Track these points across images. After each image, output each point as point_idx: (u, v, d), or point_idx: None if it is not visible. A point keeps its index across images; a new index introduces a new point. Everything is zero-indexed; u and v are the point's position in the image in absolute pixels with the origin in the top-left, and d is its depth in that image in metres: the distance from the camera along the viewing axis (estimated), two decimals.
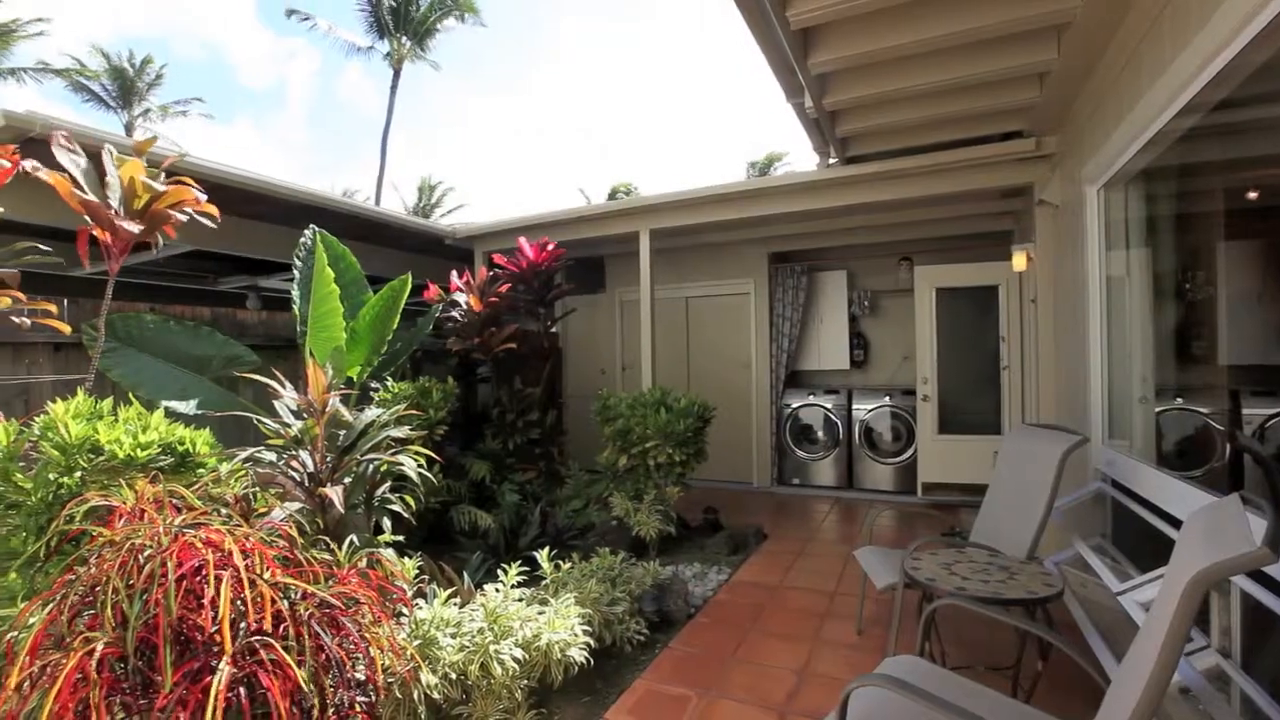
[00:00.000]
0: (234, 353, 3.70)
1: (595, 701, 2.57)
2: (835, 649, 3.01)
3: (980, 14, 2.86)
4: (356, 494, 2.73)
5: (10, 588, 2.17)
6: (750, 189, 5.23)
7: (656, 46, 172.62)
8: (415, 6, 22.67)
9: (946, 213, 5.61)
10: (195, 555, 1.57)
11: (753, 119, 75.13)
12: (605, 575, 3.26)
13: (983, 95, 3.66)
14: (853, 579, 3.85)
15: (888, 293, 6.96)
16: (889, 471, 6.33)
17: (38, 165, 2.50)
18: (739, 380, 6.99)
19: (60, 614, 1.53)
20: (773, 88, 4.05)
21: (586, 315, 7.76)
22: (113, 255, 2.72)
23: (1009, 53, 3.20)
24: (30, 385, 3.26)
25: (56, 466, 2.24)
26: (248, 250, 5.57)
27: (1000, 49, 3.19)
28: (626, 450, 4.44)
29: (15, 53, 20.60)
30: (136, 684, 1.53)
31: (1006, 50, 3.19)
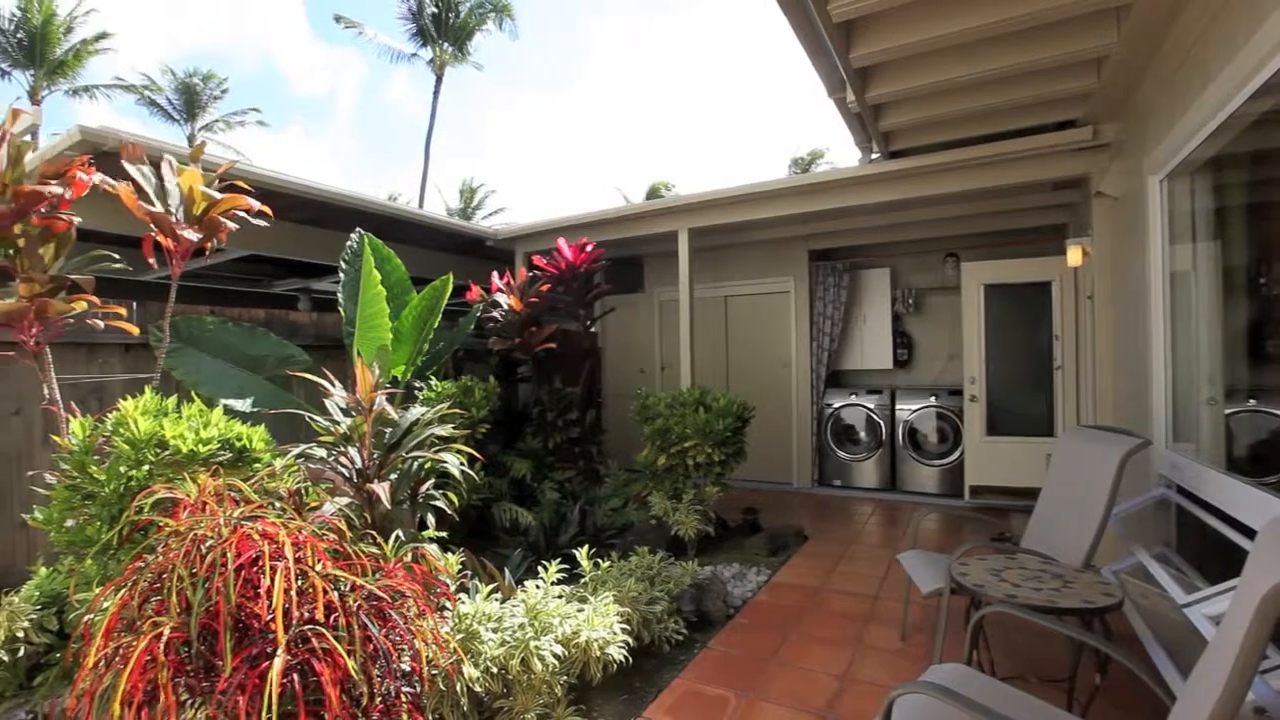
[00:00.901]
0: (287, 353, 3.85)
1: (634, 700, 2.58)
2: (878, 654, 2.95)
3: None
4: (402, 490, 2.80)
5: (86, 573, 2.32)
6: (791, 186, 5.16)
7: (694, 44, 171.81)
8: (455, 14, 23.15)
9: (995, 207, 5.42)
10: (253, 546, 1.64)
11: (793, 115, 74.04)
12: (644, 574, 3.26)
13: (1035, 84, 3.52)
14: (896, 583, 3.77)
15: (933, 290, 6.77)
16: (934, 473, 6.16)
17: (105, 178, 2.65)
18: (779, 380, 6.90)
19: (131, 599, 1.62)
20: (813, 83, 3.98)
21: (625, 315, 7.78)
22: (174, 260, 2.86)
23: (1064, 38, 3.06)
24: (103, 383, 3.46)
25: (127, 460, 2.37)
26: (299, 254, 5.78)
27: (1054, 34, 3.07)
28: (665, 450, 4.44)
29: (87, 70, 21.86)
30: (199, 667, 1.60)
31: (1061, 35, 3.06)
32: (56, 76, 21.30)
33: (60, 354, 3.09)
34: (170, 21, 62.65)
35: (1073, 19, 2.93)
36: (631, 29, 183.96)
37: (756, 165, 54.83)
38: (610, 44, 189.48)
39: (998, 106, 3.77)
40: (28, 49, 20.42)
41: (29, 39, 20.31)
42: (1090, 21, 2.96)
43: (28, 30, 20.21)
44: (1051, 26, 2.99)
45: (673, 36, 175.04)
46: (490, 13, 23.34)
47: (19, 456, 3.23)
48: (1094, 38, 3.00)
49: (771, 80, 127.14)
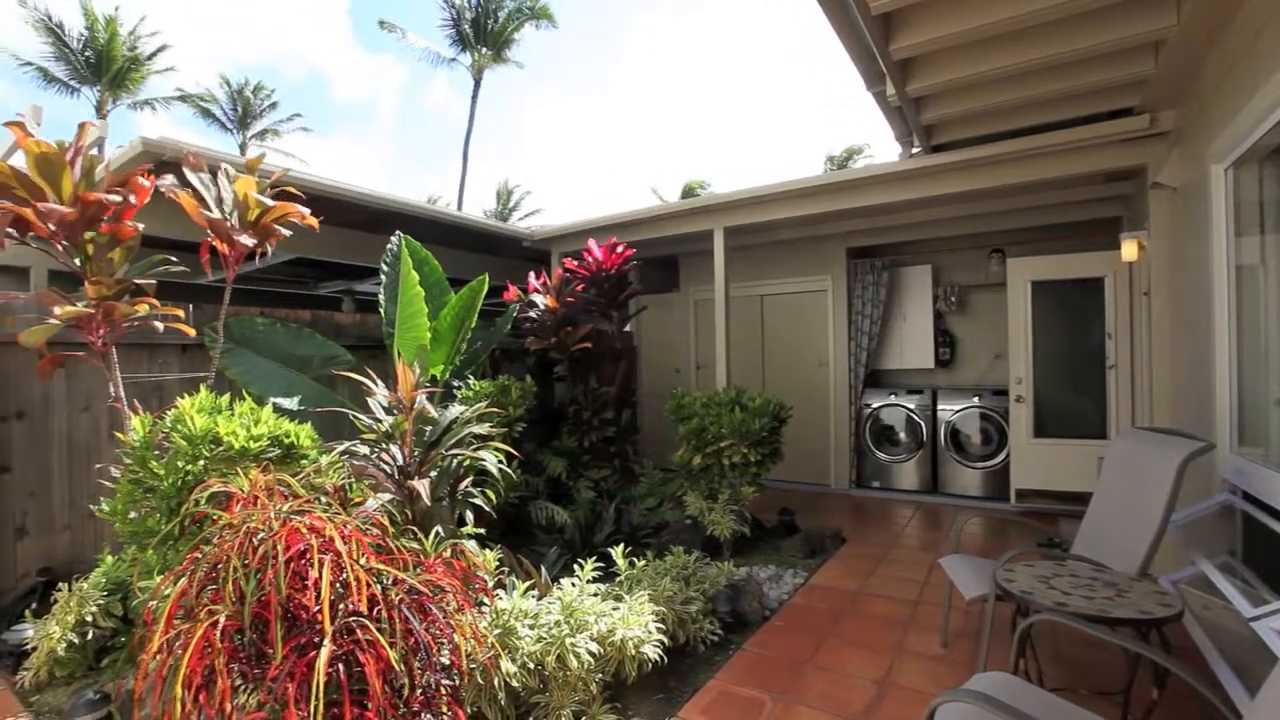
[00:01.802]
0: (331, 353, 3.97)
1: (669, 699, 2.58)
2: (918, 660, 2.88)
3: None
4: (441, 487, 2.86)
5: (148, 562, 2.44)
6: (829, 183, 5.07)
7: (729, 41, 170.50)
8: (494, 19, 23.53)
9: (1043, 200, 5.23)
10: (301, 540, 1.70)
11: (830, 112, 72.86)
12: (679, 574, 3.26)
13: (1087, 71, 3.38)
14: (937, 588, 3.67)
15: (977, 287, 6.57)
16: (977, 476, 5.98)
17: (172, 181, 2.78)
18: (816, 379, 6.80)
19: (190, 588, 1.69)
20: (851, 77, 3.91)
21: (661, 314, 7.78)
22: (229, 264, 2.99)
23: (1118, 22, 2.94)
24: (162, 382, 3.64)
25: (184, 455, 2.48)
26: (343, 256, 5.96)
27: (1108, 19, 2.94)
28: (701, 449, 4.42)
29: (147, 84, 23.01)
30: (251, 654, 1.67)
31: (1115, 19, 2.93)
32: (120, 91, 22.48)
33: (124, 354, 3.26)
34: (222, 34, 65.51)
35: (1128, 1, 2.80)
36: (666, 27, 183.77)
37: (792, 163, 54.14)
38: (646, 43, 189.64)
39: (1047, 96, 3.63)
40: (94, 66, 21.62)
41: (95, 57, 21.49)
42: (1147, 3, 2.83)
43: (94, 49, 21.39)
44: (1105, 10, 2.87)
45: (708, 34, 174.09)
46: (529, 18, 23.66)
47: (87, 451, 3.42)
48: (1151, 20, 2.87)
49: (808, 76, 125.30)
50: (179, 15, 55.40)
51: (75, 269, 2.64)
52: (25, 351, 2.85)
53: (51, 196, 2.46)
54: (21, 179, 2.40)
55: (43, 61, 21.23)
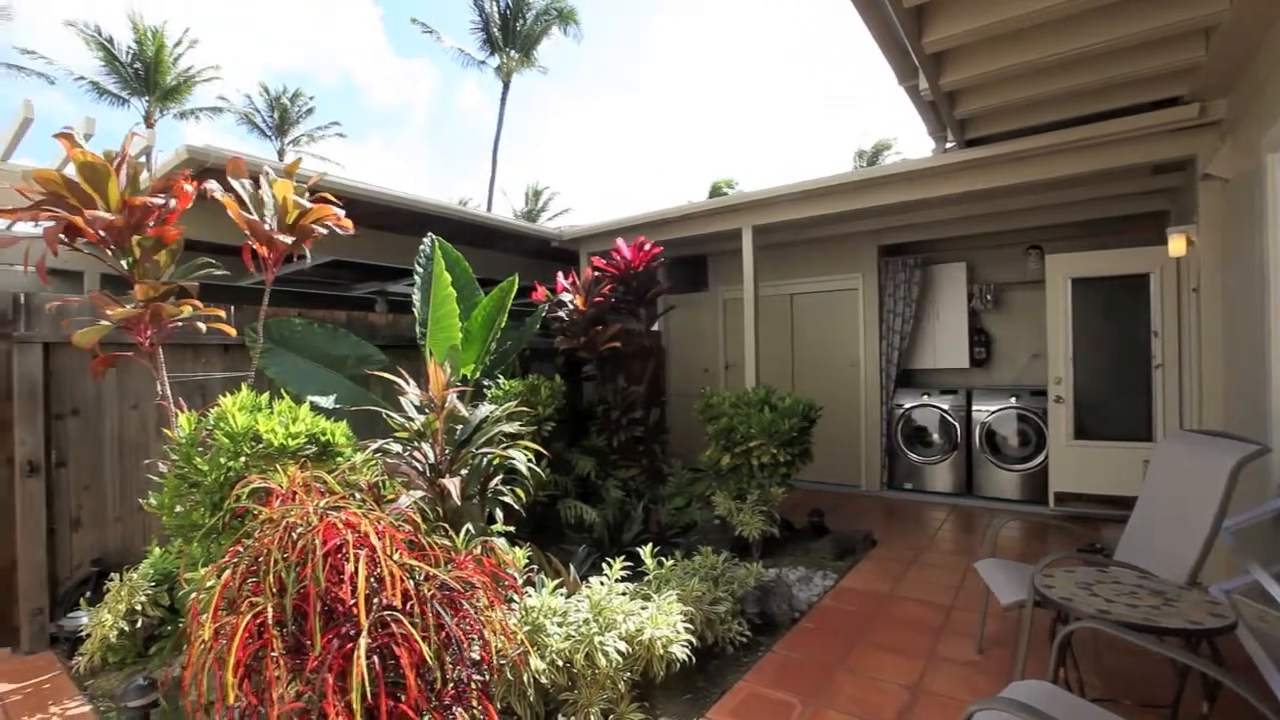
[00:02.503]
0: (366, 352, 4.05)
1: (697, 700, 2.57)
2: (952, 667, 2.82)
3: None
4: (472, 485, 2.90)
5: (193, 554, 2.52)
6: (860, 180, 4.99)
7: (756, 38, 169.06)
8: (522, 21, 23.77)
9: (1083, 195, 5.07)
10: (337, 535, 1.74)
11: (831, 112, 71.62)
12: (707, 574, 3.25)
13: (1131, 60, 3.27)
14: (972, 593, 3.59)
15: (1014, 285, 6.39)
16: (1014, 479, 5.82)
17: (216, 185, 2.88)
18: (847, 379, 6.71)
19: (232, 580, 1.75)
20: (883, 71, 3.84)
21: (690, 314, 7.76)
22: (268, 266, 3.08)
23: (1166, 7, 2.83)
24: (205, 381, 3.76)
25: (226, 452, 2.56)
26: (377, 258, 6.09)
27: (1154, 4, 2.84)
28: (729, 449, 4.40)
29: (193, 94, 23.88)
30: (292, 646, 1.72)
31: (1162, 4, 2.83)
32: (167, 102, 23.37)
33: (170, 354, 3.38)
34: (260, 42, 67.57)
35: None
36: (692, 26, 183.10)
37: (820, 161, 53.45)
38: (672, 42, 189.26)
39: (1089, 86, 3.52)
40: (143, 78, 22.51)
41: (144, 69, 22.38)
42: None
43: (143, 61, 22.27)
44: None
45: (733, 32, 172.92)
46: (555, 20, 23.86)
47: (136, 447, 3.55)
48: (1201, 4, 2.76)
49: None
50: (219, 24, 57.32)
51: (124, 272, 2.75)
52: (80, 351, 2.98)
53: (99, 203, 2.56)
54: (72, 187, 2.51)
55: (95, 75, 22.20)
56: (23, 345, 3.17)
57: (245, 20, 64.88)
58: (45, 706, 2.65)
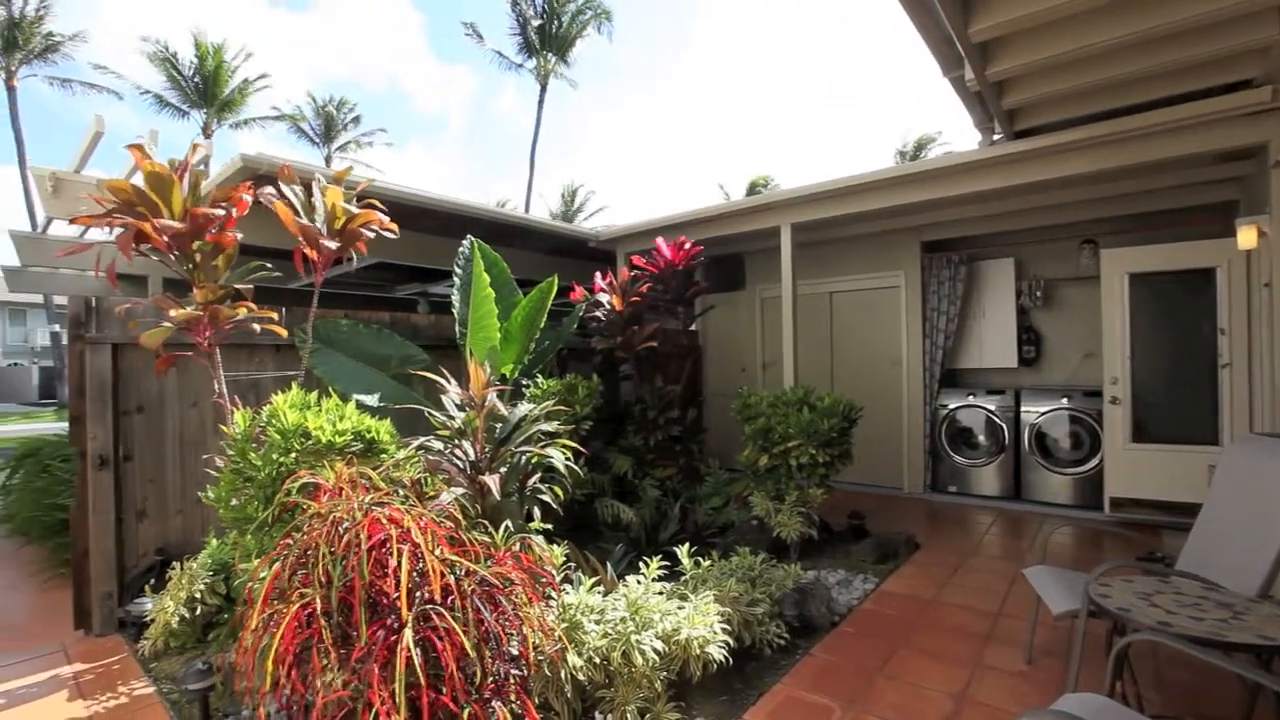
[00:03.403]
0: (409, 352, 4.16)
1: (734, 702, 2.55)
2: (999, 676, 2.72)
3: None
4: (511, 483, 2.95)
5: (247, 546, 2.64)
6: (903, 175, 4.87)
7: (794, 33, 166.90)
8: (558, 23, 24.02)
9: (1142, 185, 4.83)
10: (381, 530, 1.80)
11: (901, 102, 70.05)
12: (745, 575, 3.23)
13: (1197, 41, 3.10)
14: (1021, 601, 3.47)
15: (1065, 281, 6.14)
16: (1066, 483, 5.59)
17: (271, 192, 3.00)
18: (888, 379, 6.56)
19: (283, 571, 1.82)
20: (926, 63, 3.74)
21: (727, 313, 7.71)
22: (318, 269, 3.19)
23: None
24: (258, 380, 3.92)
25: (278, 448, 2.67)
26: (418, 260, 6.24)
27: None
28: (767, 449, 4.35)
29: (247, 105, 24.95)
30: (338, 636, 1.78)
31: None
32: (224, 113, 24.48)
33: (226, 354, 3.54)
34: (310, 52, 70.08)
35: None
36: (729, 24, 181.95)
37: (860, 156, 52.37)
38: (707, 41, 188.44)
39: (1149, 71, 3.36)
40: (202, 91, 23.64)
41: (203, 82, 23.50)
42: None
43: (202, 75, 23.38)
44: None
45: (770, 29, 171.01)
46: (591, 19, 24.04)
47: (195, 443, 3.73)
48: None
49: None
50: (273, 36, 59.61)
51: (185, 276, 2.89)
52: (144, 351, 3.14)
53: (164, 210, 2.70)
54: (141, 195, 2.65)
55: (159, 89, 23.43)
56: (94, 346, 3.37)
57: (296, 31, 67.29)
58: (114, 686, 2.81)
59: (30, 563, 4.67)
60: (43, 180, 4.65)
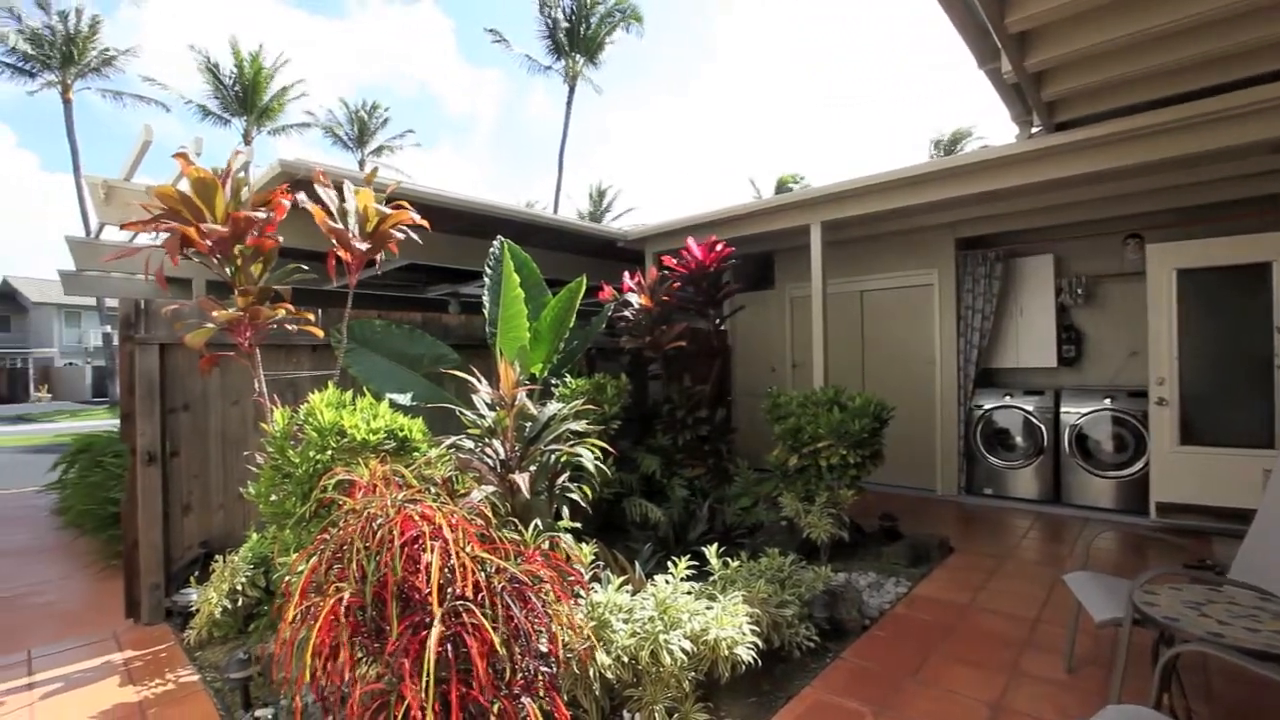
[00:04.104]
0: (440, 352, 4.23)
1: (762, 704, 2.53)
2: (1038, 684, 2.65)
3: None
4: (540, 481, 2.97)
5: (285, 540, 2.71)
6: (937, 170, 4.75)
7: (824, 28, 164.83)
8: (586, 24, 24.14)
9: (1191, 177, 4.64)
10: (414, 526, 1.83)
11: (933, 96, 68.80)
12: (774, 576, 3.20)
13: (1255, 23, 2.96)
14: (1060, 608, 3.36)
15: (1109, 277, 5.93)
16: (1109, 486, 5.41)
17: (305, 197, 3.08)
18: (921, 378, 6.43)
19: (320, 565, 1.87)
20: (960, 55, 3.65)
21: (755, 312, 7.66)
22: (351, 271, 3.26)
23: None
24: (296, 379, 4.03)
25: (315, 445, 2.74)
26: (449, 261, 6.34)
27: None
28: (797, 450, 4.31)
29: (285, 112, 25.69)
30: (371, 630, 1.82)
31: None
32: (263, 120, 25.25)
33: (265, 353, 3.64)
34: (345, 58, 71.86)
35: None
36: (756, 22, 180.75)
37: (893, 152, 51.41)
38: (735, 39, 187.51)
39: (1198, 58, 3.22)
40: (242, 100, 24.43)
41: (243, 91, 24.28)
42: None
43: (242, 84, 24.17)
44: None
45: (798, 26, 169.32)
46: (620, 21, 24.10)
47: (237, 440, 3.86)
48: None
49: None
50: (308, 43, 61.31)
51: (227, 278, 2.98)
52: (189, 351, 3.26)
53: (208, 215, 2.79)
54: (186, 201, 2.75)
55: (202, 98, 24.30)
56: (143, 346, 3.51)
57: (331, 37, 69.04)
58: (162, 673, 2.92)
59: (84, 553, 4.89)
60: (96, 188, 4.86)
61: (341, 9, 78.14)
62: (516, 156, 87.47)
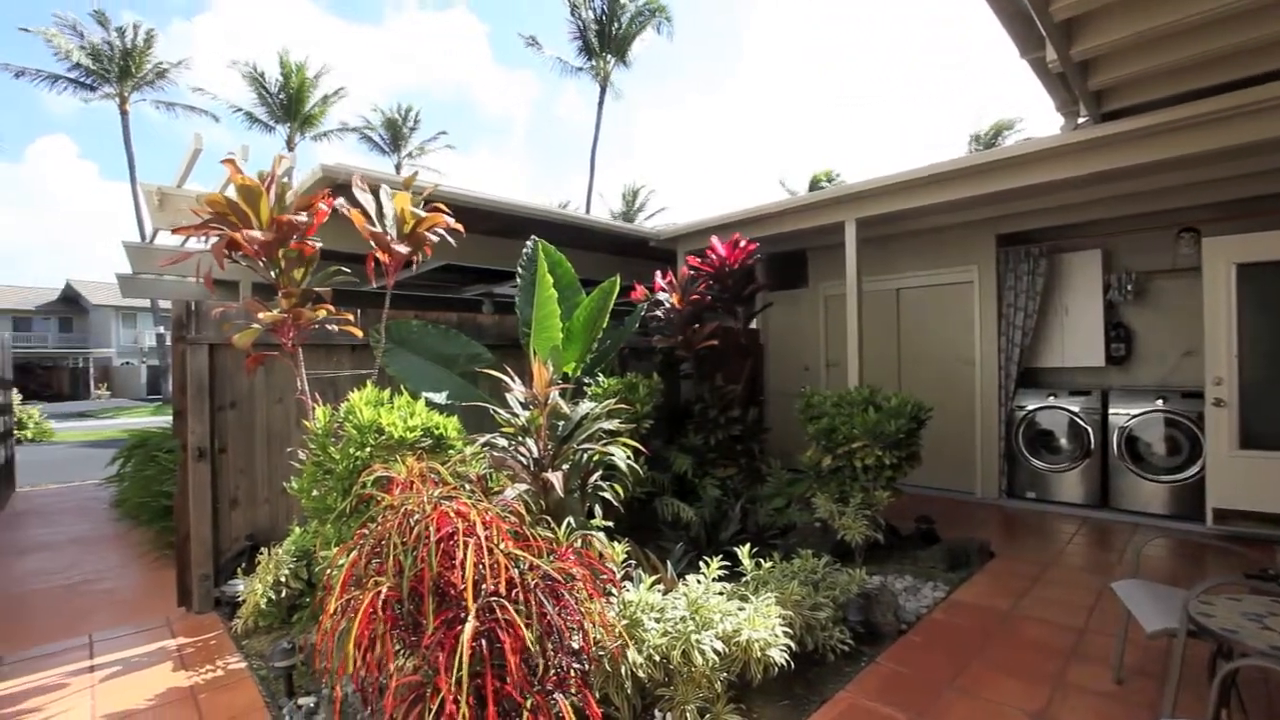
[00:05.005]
0: (474, 351, 4.29)
1: (795, 707, 2.51)
2: (1084, 696, 2.56)
3: None
4: (573, 480, 2.99)
5: (326, 535, 2.79)
6: (977, 164, 4.62)
7: (857, 22, 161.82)
8: (617, 24, 24.22)
9: (1249, 166, 4.41)
10: (449, 523, 1.87)
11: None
12: (807, 578, 3.16)
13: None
14: (1108, 617, 3.24)
15: (1160, 273, 5.68)
16: (1161, 491, 5.18)
17: (344, 203, 3.17)
18: (960, 378, 6.27)
19: (360, 559, 1.92)
20: (1002, 44, 3.55)
21: (789, 311, 7.57)
22: (389, 272, 3.34)
23: None
24: (336, 378, 4.15)
25: (354, 442, 2.81)
26: (483, 262, 6.43)
27: None
28: (831, 450, 4.25)
29: (326, 118, 26.45)
30: (408, 623, 1.86)
31: None
32: (305, 127, 26.05)
33: (306, 353, 3.76)
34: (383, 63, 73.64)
35: None
36: (787, 18, 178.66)
37: (930, 146, 50.19)
38: (766, 35, 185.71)
39: (1261, 40, 3.06)
40: (286, 107, 25.24)
41: (287, 99, 25.09)
42: None
43: (287, 92, 24.97)
44: None
45: (829, 20, 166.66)
46: (650, 18, 24.12)
47: (281, 437, 3.99)
48: None
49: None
50: (348, 49, 63.07)
51: (272, 281, 3.09)
52: (236, 351, 3.38)
53: (254, 220, 2.89)
54: (233, 207, 2.85)
55: (249, 106, 25.21)
56: (193, 346, 3.65)
57: (369, 44, 70.85)
58: (212, 660, 3.04)
59: (140, 543, 5.12)
60: (150, 195, 5.08)
61: (378, 15, 79.78)
62: (550, 157, 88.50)
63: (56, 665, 3.03)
